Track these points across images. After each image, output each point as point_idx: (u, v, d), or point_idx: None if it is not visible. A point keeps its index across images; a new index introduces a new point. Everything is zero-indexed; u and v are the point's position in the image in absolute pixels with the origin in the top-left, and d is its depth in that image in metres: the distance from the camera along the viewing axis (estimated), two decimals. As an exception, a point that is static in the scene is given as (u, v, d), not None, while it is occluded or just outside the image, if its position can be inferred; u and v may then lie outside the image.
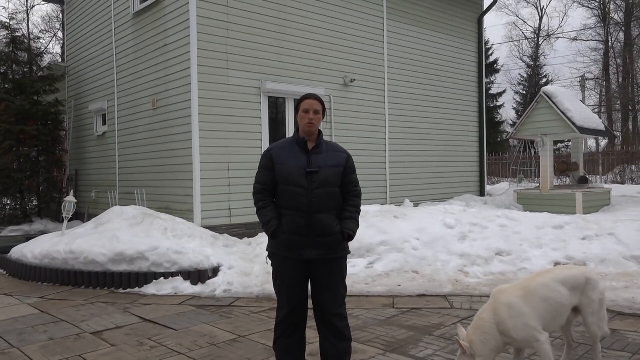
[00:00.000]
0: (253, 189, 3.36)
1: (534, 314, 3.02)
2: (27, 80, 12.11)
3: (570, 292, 3.19)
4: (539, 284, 3.13)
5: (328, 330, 3.29)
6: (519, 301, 3.03)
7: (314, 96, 3.34)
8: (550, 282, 3.15)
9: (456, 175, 12.99)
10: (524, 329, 2.99)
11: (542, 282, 3.15)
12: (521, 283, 3.21)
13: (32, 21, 43.08)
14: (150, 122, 9.59)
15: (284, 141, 3.41)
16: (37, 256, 7.16)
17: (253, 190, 3.35)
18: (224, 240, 7.71)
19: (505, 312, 3.00)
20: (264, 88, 9.19)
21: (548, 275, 3.23)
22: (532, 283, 3.15)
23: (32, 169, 11.95)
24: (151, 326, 4.99)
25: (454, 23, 12.94)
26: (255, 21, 9.16)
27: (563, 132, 11.57)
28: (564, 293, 3.16)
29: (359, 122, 10.76)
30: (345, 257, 3.36)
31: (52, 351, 4.30)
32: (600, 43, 36.07)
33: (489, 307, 3.09)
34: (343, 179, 3.31)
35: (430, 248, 7.17)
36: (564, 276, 3.22)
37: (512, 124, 33.88)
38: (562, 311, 3.18)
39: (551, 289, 3.12)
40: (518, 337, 3.00)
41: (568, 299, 3.19)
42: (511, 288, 3.16)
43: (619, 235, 7.30)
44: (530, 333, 3.00)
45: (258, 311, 5.42)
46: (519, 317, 2.99)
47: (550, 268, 4.42)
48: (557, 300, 3.13)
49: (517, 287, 3.16)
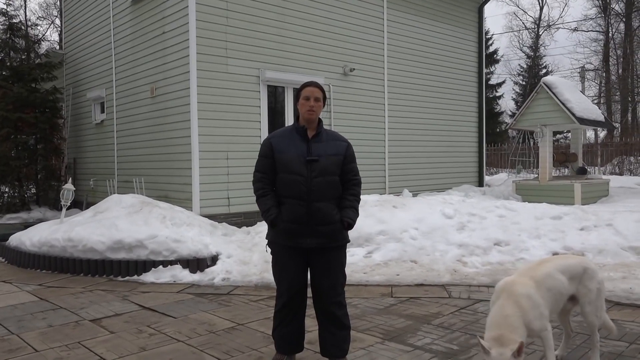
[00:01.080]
0: (253, 177, 3.35)
1: (545, 303, 3.04)
2: (25, 68, 12.04)
3: (569, 281, 3.22)
4: (545, 274, 3.13)
5: (327, 319, 3.30)
6: (535, 292, 3.02)
7: (315, 84, 3.33)
8: (553, 272, 3.17)
9: (455, 166, 12.99)
10: (540, 319, 2.98)
11: (547, 272, 3.15)
12: (527, 273, 3.17)
13: (29, 8, 42.73)
14: (149, 111, 9.55)
15: (284, 130, 3.40)
16: (36, 244, 7.16)
17: (253, 178, 3.35)
18: (222, 229, 7.71)
19: (527, 303, 2.95)
20: (263, 77, 9.15)
21: (549, 264, 3.23)
22: (537, 273, 3.13)
23: (31, 156, 11.92)
24: (150, 314, 5.01)
25: (454, 13, 12.87)
26: (255, 9, 9.10)
27: (563, 123, 11.56)
28: (564, 282, 3.19)
29: (359, 112, 10.73)
30: (345, 246, 3.36)
31: (51, 338, 4.31)
32: (600, 34, 35.99)
33: (509, 302, 2.93)
34: (343, 167, 3.30)
35: (429, 238, 7.18)
36: (564, 265, 3.25)
37: (512, 114, 33.85)
38: (560, 300, 3.21)
39: (555, 279, 3.14)
40: (535, 327, 2.96)
41: (567, 288, 3.22)
42: (523, 279, 3.09)
43: (617, 226, 7.32)
44: (543, 323, 3.00)
45: (257, 300, 5.43)
46: (537, 308, 2.98)
47: (549, 257, 4.40)
48: (559, 289, 3.16)
49: (526, 277, 3.11)
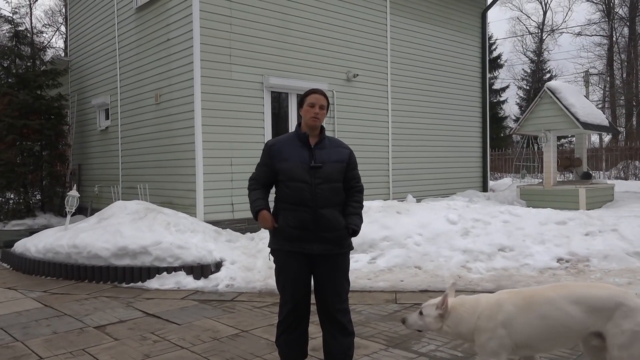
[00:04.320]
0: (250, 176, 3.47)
1: (515, 333, 2.75)
2: (30, 75, 12.11)
3: (587, 314, 2.69)
4: (545, 299, 2.77)
5: (331, 326, 3.29)
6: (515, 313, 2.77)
7: (319, 91, 3.35)
8: (558, 299, 2.73)
9: (459, 171, 12.96)
10: (485, 342, 2.78)
11: (549, 297, 2.76)
12: (528, 292, 2.92)
13: (35, 15, 43.10)
14: (153, 117, 9.59)
15: (286, 136, 3.41)
16: (41, 250, 7.18)
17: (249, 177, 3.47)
18: (226, 235, 7.72)
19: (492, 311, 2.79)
20: (266, 83, 9.17)
21: (562, 290, 2.81)
22: (537, 295, 2.81)
23: (36, 163, 11.97)
24: (154, 321, 5.01)
25: (457, 18, 12.88)
26: (258, 16, 9.13)
27: (567, 128, 11.52)
28: (575, 315, 2.69)
29: (362, 118, 10.73)
30: (349, 252, 3.36)
31: (56, 345, 4.32)
32: (604, 38, 35.93)
33: (489, 300, 2.89)
34: (346, 174, 3.31)
35: (433, 244, 7.17)
36: (582, 295, 2.73)
37: (516, 119, 33.78)
38: (565, 334, 2.75)
39: (556, 308, 2.72)
40: (477, 341, 2.82)
41: (580, 322, 2.70)
42: (516, 294, 2.91)
43: (623, 231, 7.28)
44: (484, 350, 2.79)
45: (261, 306, 5.43)
46: (491, 331, 2.75)
47: (572, 283, 3.99)
48: (559, 321, 2.71)
49: (521, 294, 2.89)
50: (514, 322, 2.77)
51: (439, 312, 2.90)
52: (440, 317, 2.90)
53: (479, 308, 2.87)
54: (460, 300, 2.97)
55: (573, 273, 6.38)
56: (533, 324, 2.74)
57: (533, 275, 6.31)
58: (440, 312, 2.90)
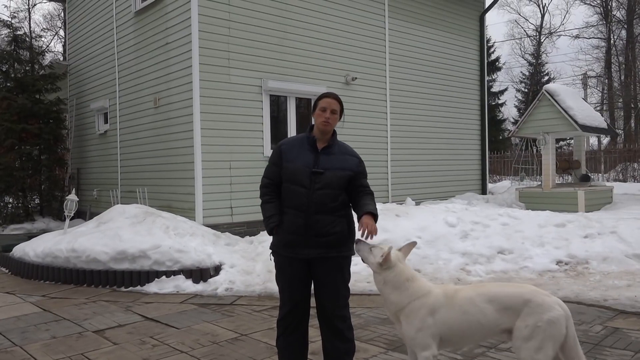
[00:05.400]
0: (260, 182, 3.35)
1: (440, 326, 2.86)
2: (29, 79, 12.12)
3: (498, 312, 2.81)
4: (465, 298, 2.89)
5: (330, 332, 3.28)
6: (443, 306, 2.88)
7: (333, 95, 3.29)
8: (475, 298, 2.86)
9: (458, 174, 12.98)
10: (415, 335, 2.86)
11: (469, 296, 2.89)
12: (452, 289, 3.00)
13: (34, 20, 43.14)
14: (152, 121, 9.59)
15: (296, 138, 3.38)
16: (40, 255, 7.17)
17: (260, 183, 3.35)
18: (225, 238, 7.71)
19: (432, 300, 2.88)
20: (265, 86, 9.18)
21: (480, 289, 2.94)
22: (459, 294, 2.92)
23: (34, 167, 11.98)
24: (153, 325, 5.00)
25: (455, 21, 12.92)
26: (257, 20, 9.15)
27: (565, 130, 11.55)
28: (487, 312, 2.82)
29: (361, 121, 10.74)
30: (349, 257, 3.33)
31: (54, 350, 4.31)
32: (602, 41, 36.03)
33: (440, 288, 2.99)
34: (354, 183, 3.27)
35: (432, 247, 7.17)
36: (495, 294, 2.87)
37: (514, 122, 33.85)
38: (480, 331, 2.87)
39: (474, 305, 2.84)
40: (405, 327, 2.90)
41: (492, 319, 2.82)
42: (444, 288, 3.02)
43: (622, 233, 7.29)
44: (415, 342, 2.87)
45: (260, 310, 5.42)
46: (420, 321, 2.85)
47: (490, 283, 4.28)
48: (475, 318, 2.83)
49: (447, 290, 2.98)
50: (441, 311, 2.88)
51: (378, 261, 2.97)
52: (379, 265, 2.97)
53: (422, 292, 2.92)
54: (418, 275, 3.06)
55: (572, 275, 6.38)
56: (454, 318, 2.87)
57: (532, 277, 6.31)
58: (379, 261, 2.96)
